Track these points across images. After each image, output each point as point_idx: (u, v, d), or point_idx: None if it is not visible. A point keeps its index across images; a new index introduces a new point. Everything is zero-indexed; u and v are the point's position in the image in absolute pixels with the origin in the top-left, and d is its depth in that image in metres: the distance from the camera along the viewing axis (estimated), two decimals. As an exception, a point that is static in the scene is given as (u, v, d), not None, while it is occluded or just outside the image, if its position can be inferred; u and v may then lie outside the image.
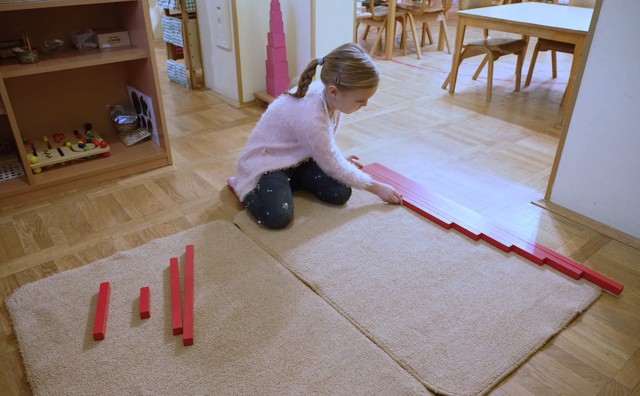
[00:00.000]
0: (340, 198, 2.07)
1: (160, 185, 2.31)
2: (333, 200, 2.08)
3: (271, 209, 1.90)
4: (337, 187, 2.06)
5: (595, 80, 1.88)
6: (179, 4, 3.50)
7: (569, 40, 2.89)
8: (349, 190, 2.08)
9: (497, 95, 3.66)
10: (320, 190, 2.10)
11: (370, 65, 1.89)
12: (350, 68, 1.87)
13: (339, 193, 2.06)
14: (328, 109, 2.02)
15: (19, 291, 1.60)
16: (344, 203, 2.10)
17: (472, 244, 1.84)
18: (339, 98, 1.95)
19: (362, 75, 1.87)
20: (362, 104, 1.98)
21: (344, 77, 1.88)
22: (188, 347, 1.39)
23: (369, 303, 1.55)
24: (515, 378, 1.31)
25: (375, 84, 1.92)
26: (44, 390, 1.26)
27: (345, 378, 1.29)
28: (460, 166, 2.50)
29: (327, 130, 1.98)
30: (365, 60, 1.88)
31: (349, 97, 1.93)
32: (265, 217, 1.92)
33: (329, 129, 2.01)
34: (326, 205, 2.11)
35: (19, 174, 2.22)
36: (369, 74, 1.88)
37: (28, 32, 2.29)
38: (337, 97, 1.95)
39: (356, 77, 1.87)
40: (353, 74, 1.87)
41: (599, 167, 1.95)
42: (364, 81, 1.88)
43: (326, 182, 2.07)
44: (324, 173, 2.07)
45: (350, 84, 1.88)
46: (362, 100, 1.95)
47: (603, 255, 1.81)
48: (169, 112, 3.27)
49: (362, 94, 1.92)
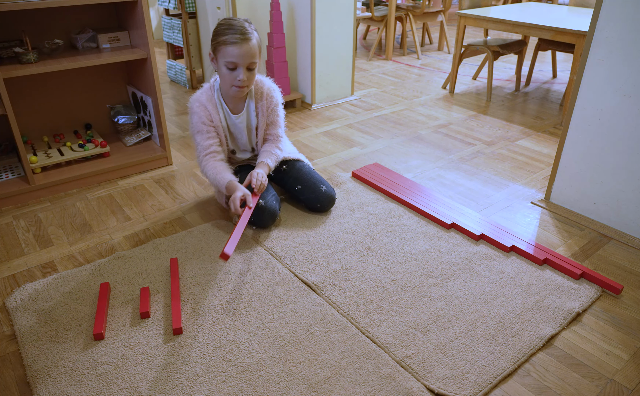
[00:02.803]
0: (323, 207, 2.02)
1: (160, 185, 2.31)
2: (317, 210, 2.03)
3: (253, 214, 1.87)
4: (318, 198, 1.99)
5: (595, 80, 1.88)
6: (179, 4, 3.50)
7: (569, 40, 2.89)
8: (331, 198, 2.01)
9: (497, 95, 3.66)
10: (302, 202, 2.06)
11: (236, 24, 1.75)
12: (217, 26, 1.79)
13: (322, 204, 2.00)
14: (225, 100, 1.92)
15: (19, 291, 1.60)
16: (329, 209, 2.05)
17: (472, 244, 1.84)
18: (215, 65, 1.84)
19: (224, 31, 1.75)
20: (237, 75, 1.78)
21: (213, 36, 1.79)
22: (188, 347, 1.39)
23: (369, 303, 1.55)
24: (515, 378, 1.31)
25: (239, 41, 1.73)
26: (44, 390, 1.26)
27: (345, 378, 1.29)
28: (460, 166, 2.50)
29: (200, 117, 1.88)
30: (234, 20, 1.77)
31: (220, 62, 1.80)
32: (252, 222, 1.90)
33: (214, 119, 1.89)
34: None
35: (19, 174, 2.22)
36: (232, 30, 1.74)
37: (28, 32, 2.29)
38: (215, 66, 1.84)
39: (219, 33, 1.77)
40: (218, 31, 1.77)
41: (599, 167, 1.95)
42: (224, 36, 1.74)
43: (307, 194, 2.01)
44: (303, 184, 2.01)
45: (215, 41, 1.78)
46: (232, 66, 1.77)
47: (603, 255, 1.81)
48: (169, 112, 3.27)
49: (227, 55, 1.75)
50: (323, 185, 2.01)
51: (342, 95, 3.53)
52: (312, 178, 2.03)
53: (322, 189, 2.00)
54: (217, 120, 1.92)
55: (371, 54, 4.72)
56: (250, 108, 1.97)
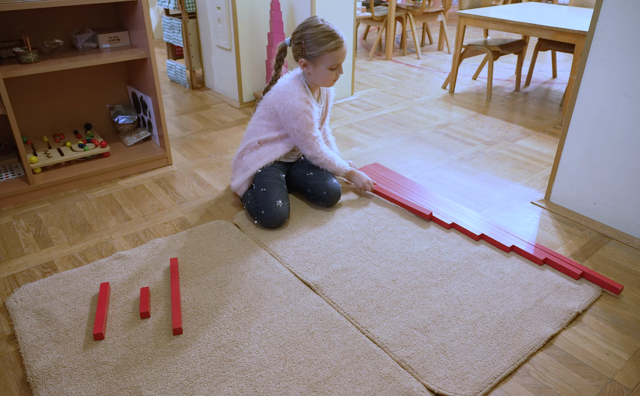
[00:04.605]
0: (329, 197, 2.03)
1: (160, 185, 2.31)
2: (321, 198, 2.05)
3: (266, 208, 1.90)
4: (326, 186, 2.03)
5: (595, 80, 1.88)
6: (179, 4, 3.50)
7: (569, 40, 2.89)
8: (338, 191, 2.05)
9: (497, 95, 3.66)
10: (309, 187, 2.07)
11: (330, 29, 1.90)
12: (312, 36, 1.90)
13: (328, 192, 2.03)
14: (311, 89, 2.03)
15: (19, 291, 1.60)
16: (332, 204, 2.07)
17: (472, 244, 1.84)
18: (312, 70, 1.97)
19: (324, 40, 1.89)
20: (337, 71, 1.97)
21: (308, 46, 1.91)
22: (188, 347, 1.39)
23: (369, 303, 1.55)
24: (515, 378, 1.31)
25: (341, 45, 1.91)
26: (44, 390, 1.26)
27: (345, 378, 1.29)
28: (460, 166, 2.50)
29: (310, 114, 1.99)
30: (325, 26, 1.91)
31: (319, 66, 1.94)
32: (261, 216, 1.92)
33: (313, 112, 2.01)
34: (316, 206, 2.09)
35: (19, 174, 2.22)
36: (330, 37, 1.89)
37: (28, 32, 2.29)
38: (310, 70, 1.97)
39: (319, 42, 1.89)
40: (315, 40, 1.90)
41: (599, 167, 1.95)
42: (327, 45, 1.89)
43: (316, 180, 2.06)
44: (316, 171, 2.08)
45: (316, 51, 1.91)
46: (335, 67, 1.95)
47: (603, 255, 1.81)
48: (169, 112, 3.27)
49: (330, 59, 1.92)
50: (333, 178, 2.09)
51: (342, 95, 3.53)
52: (325, 170, 2.12)
53: (332, 180, 2.07)
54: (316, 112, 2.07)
55: (371, 53, 4.72)
56: (323, 96, 2.16)
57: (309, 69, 1.97)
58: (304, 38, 1.92)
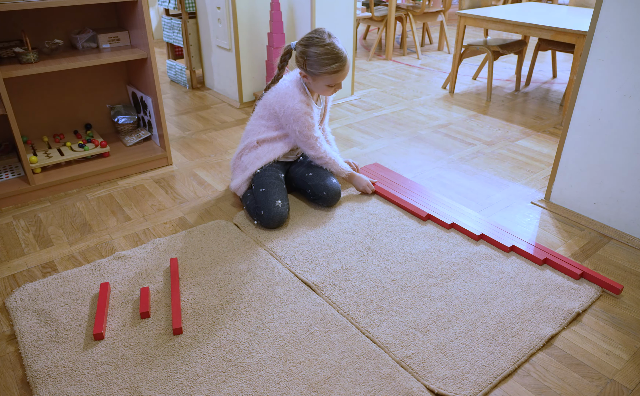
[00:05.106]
0: (329, 197, 2.03)
1: (160, 185, 2.31)
2: (321, 198, 2.05)
3: (265, 208, 1.90)
4: (326, 186, 2.03)
5: (595, 80, 1.88)
6: (179, 4, 3.50)
7: (569, 40, 2.89)
8: (338, 190, 2.06)
9: (497, 95, 3.66)
10: (309, 188, 2.07)
11: (335, 51, 1.90)
12: (315, 55, 1.90)
13: (328, 192, 2.03)
14: (310, 92, 2.04)
15: (19, 291, 1.60)
16: (333, 205, 2.07)
17: (472, 244, 1.84)
18: (311, 82, 1.99)
19: (326, 62, 1.90)
20: (336, 88, 1.99)
21: (310, 63, 1.92)
22: (188, 347, 1.39)
23: (369, 303, 1.55)
24: (515, 378, 1.31)
25: (342, 68, 1.93)
26: (44, 390, 1.26)
27: (345, 378, 1.29)
28: (460, 166, 2.50)
29: (311, 115, 2.00)
30: (330, 47, 1.90)
31: (319, 82, 1.96)
32: (260, 216, 1.92)
33: (314, 113, 2.02)
34: (316, 206, 2.09)
35: (19, 174, 2.22)
36: (333, 60, 1.90)
37: (28, 32, 2.29)
38: (309, 82, 1.99)
39: (321, 64, 1.90)
40: (318, 60, 1.90)
41: (599, 167, 1.95)
42: (328, 67, 1.90)
43: (316, 180, 2.06)
44: (315, 171, 2.08)
45: (317, 70, 1.92)
46: (333, 85, 1.97)
47: (603, 255, 1.81)
48: (169, 112, 3.27)
49: (330, 79, 1.94)
50: (332, 178, 2.09)
51: (342, 95, 3.53)
52: (324, 170, 2.12)
53: (332, 180, 2.08)
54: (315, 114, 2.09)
55: (371, 53, 4.72)
56: (322, 98, 2.17)
57: (308, 80, 1.98)
58: (307, 55, 1.91)
